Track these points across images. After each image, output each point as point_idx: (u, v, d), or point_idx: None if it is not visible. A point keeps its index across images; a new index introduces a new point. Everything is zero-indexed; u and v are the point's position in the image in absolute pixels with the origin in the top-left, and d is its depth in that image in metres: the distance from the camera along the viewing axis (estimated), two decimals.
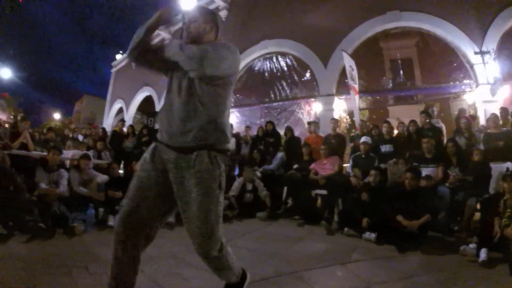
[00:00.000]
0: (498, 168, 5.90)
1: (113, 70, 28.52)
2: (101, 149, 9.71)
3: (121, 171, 8.97)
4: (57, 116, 48.89)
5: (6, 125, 14.41)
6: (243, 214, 7.04)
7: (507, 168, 5.82)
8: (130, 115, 23.75)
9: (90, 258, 3.96)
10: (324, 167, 7.52)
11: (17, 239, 4.54)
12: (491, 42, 10.44)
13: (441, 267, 3.91)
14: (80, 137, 12.38)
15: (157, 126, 9.61)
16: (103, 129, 13.83)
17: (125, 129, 11.79)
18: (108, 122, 26.05)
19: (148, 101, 22.46)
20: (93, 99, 50.27)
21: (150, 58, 2.37)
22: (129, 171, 8.88)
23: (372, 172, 6.24)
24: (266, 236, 5.52)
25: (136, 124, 19.95)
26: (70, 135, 12.55)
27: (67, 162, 7.80)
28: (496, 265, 3.88)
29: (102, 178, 6.52)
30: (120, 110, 25.96)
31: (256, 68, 15.82)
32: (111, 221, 5.78)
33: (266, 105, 15.33)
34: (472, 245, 4.26)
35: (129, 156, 10.14)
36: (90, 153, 8.52)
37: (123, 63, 26.82)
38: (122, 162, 9.91)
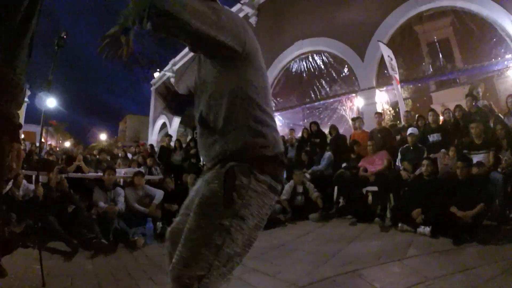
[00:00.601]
0: None
1: (153, 88, 29.61)
2: (151, 165, 10.24)
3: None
4: (103, 136, 51.08)
5: (57, 149, 15.30)
6: (296, 217, 7.22)
7: None
8: (173, 129, 24.62)
9: (154, 269, 4.26)
10: (373, 163, 7.56)
11: (82, 256, 4.89)
12: None
13: (498, 257, 3.87)
14: (129, 155, 12.98)
15: None
16: (151, 145, 14.42)
17: (172, 144, 12.27)
18: (153, 138, 27.10)
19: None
20: (135, 117, 52.20)
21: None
22: (180, 183, 9.29)
23: (424, 162, 6.16)
24: (321, 237, 5.63)
25: (180, 137, 20.58)
26: (120, 154, 13.19)
27: (121, 180, 8.25)
28: None
29: (158, 195, 6.84)
30: (164, 125, 26.86)
31: (293, 70, 15.95)
32: None
33: (307, 105, 15.40)
34: None
35: (179, 169, 10.68)
36: (142, 169, 9.00)
37: (161, 80, 27.74)
38: (173, 175, 10.19)
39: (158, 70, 29.41)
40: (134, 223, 6.17)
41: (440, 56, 12.33)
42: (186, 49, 23.77)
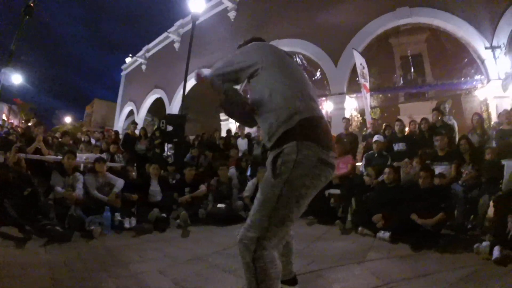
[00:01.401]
0: (511, 165, 5.90)
1: (123, 73, 28.84)
2: (114, 152, 9.90)
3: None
4: (68, 119, 49.55)
5: (19, 129, 14.63)
6: None
7: None
8: (140, 117, 24.06)
9: (111, 261, 4.03)
10: (337, 167, 7.55)
11: (35, 243, 4.58)
12: (502, 37, 10.41)
13: (456, 265, 3.91)
14: (93, 141, 12.47)
15: (169, 128, 9.65)
16: (116, 132, 13.96)
17: (137, 132, 11.88)
18: (119, 125, 26.39)
19: (158, 103, 22.64)
20: (103, 102, 50.96)
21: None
22: (142, 173, 8.98)
23: (386, 169, 6.26)
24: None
25: (147, 126, 20.16)
26: (83, 139, 12.69)
27: (81, 166, 7.90)
28: (510, 263, 3.86)
29: (118, 184, 6.54)
30: (131, 113, 26.28)
31: None
32: (128, 223, 5.90)
33: None
34: (485, 243, 4.25)
35: (142, 158, 10.32)
36: (104, 156, 8.66)
37: (133, 66, 27.10)
38: (135, 164, 9.90)
39: (130, 55, 28.71)
40: (92, 211, 5.81)
41: (412, 69, 12.69)
42: (161, 37, 23.36)
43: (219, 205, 6.90)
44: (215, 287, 3.27)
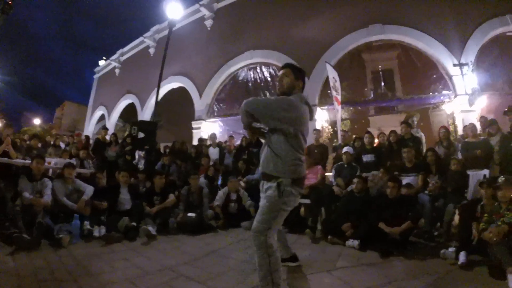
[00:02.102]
0: (476, 175, 6.07)
1: (96, 76, 28.18)
2: (84, 158, 9.57)
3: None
4: (37, 121, 48.15)
5: None
6: (229, 224, 7.05)
7: (484, 175, 6.03)
8: (112, 122, 23.47)
9: (81, 271, 3.92)
10: (308, 177, 7.56)
11: (2, 251, 4.42)
12: (470, 55, 10.89)
13: (423, 271, 4.00)
14: (62, 145, 12.14)
15: (141, 135, 9.47)
16: (87, 137, 13.60)
17: (108, 137, 11.58)
18: (90, 129, 25.66)
19: (130, 108, 22.22)
20: (74, 105, 49.95)
21: None
22: (112, 180, 8.72)
23: (355, 180, 6.33)
24: (253, 245, 5.51)
25: (118, 131, 19.74)
26: (52, 142, 12.32)
27: (50, 171, 7.64)
28: (474, 267, 4.02)
29: (88, 191, 6.32)
30: (102, 117, 25.58)
31: (240, 78, 16.02)
32: (97, 232, 5.74)
33: None
34: (451, 249, 4.42)
35: (112, 165, 10.04)
36: (73, 161, 8.38)
37: (106, 69, 26.61)
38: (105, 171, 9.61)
39: (104, 58, 28.19)
40: (60, 219, 5.62)
41: (383, 84, 12.95)
42: (136, 41, 23.09)
43: (189, 214, 6.79)
44: None
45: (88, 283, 3.46)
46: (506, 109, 7.13)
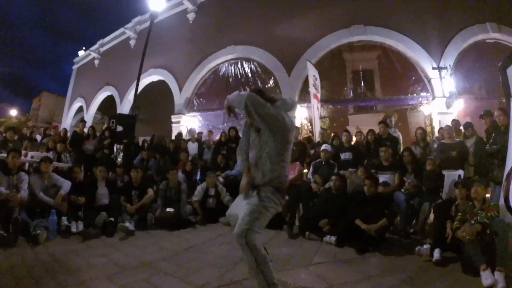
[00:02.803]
0: (451, 175, 6.18)
1: (75, 66, 27.43)
2: (61, 151, 9.35)
3: None
4: (13, 112, 46.77)
5: None
6: (207, 219, 7.01)
7: (459, 176, 6.14)
8: (90, 115, 22.96)
9: (58, 268, 3.86)
10: None
11: None
12: (449, 59, 11.22)
13: (398, 267, 4.07)
14: (38, 137, 11.85)
15: (119, 129, 9.32)
16: (65, 129, 13.25)
17: (86, 130, 11.32)
18: (68, 122, 25.10)
19: (109, 101, 21.81)
20: (51, 96, 48.79)
21: None
22: (90, 175, 8.52)
23: (333, 177, 6.39)
24: (231, 241, 5.49)
25: (97, 124, 19.38)
26: (28, 135, 12.00)
27: (26, 165, 7.44)
28: (448, 264, 4.13)
29: (65, 186, 6.16)
30: (80, 109, 24.98)
31: (221, 73, 15.94)
32: (74, 228, 5.64)
33: None
34: (426, 246, 4.55)
35: (90, 159, 9.85)
36: (50, 155, 8.19)
37: (85, 60, 25.99)
38: (83, 165, 9.35)
39: (84, 48, 27.54)
40: (37, 215, 5.52)
41: (362, 84, 13.11)
42: (117, 32, 22.66)
43: (168, 210, 6.71)
44: None
45: (66, 280, 3.41)
46: (482, 113, 7.29)
